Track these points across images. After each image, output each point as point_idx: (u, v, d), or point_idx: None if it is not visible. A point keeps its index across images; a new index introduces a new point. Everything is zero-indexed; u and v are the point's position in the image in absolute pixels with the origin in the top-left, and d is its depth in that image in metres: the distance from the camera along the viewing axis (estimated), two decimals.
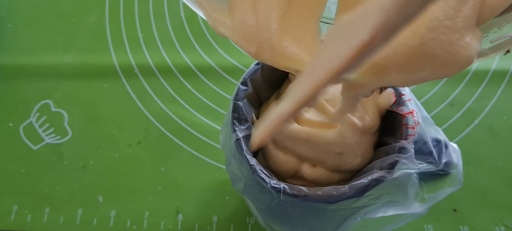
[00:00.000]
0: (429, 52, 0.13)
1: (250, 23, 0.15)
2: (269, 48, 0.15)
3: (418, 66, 0.13)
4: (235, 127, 0.23)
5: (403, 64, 0.13)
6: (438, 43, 0.13)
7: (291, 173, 0.24)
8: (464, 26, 0.13)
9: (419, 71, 0.13)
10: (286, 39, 0.15)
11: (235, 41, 0.15)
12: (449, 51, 0.13)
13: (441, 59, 0.13)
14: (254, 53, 0.15)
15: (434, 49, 0.13)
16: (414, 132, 0.22)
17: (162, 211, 0.35)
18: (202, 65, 0.41)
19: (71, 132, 0.38)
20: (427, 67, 0.13)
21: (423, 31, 0.13)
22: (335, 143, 0.22)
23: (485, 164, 0.36)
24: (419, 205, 0.23)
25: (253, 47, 0.15)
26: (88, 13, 0.45)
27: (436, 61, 0.13)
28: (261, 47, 0.15)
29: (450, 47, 0.13)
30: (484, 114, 0.38)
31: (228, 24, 0.15)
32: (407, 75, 0.14)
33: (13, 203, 0.35)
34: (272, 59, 0.15)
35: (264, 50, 0.15)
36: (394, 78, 0.14)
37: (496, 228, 0.33)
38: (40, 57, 0.42)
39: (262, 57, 0.15)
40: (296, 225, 0.24)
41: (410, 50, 0.13)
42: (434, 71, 0.13)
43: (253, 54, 0.15)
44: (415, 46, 0.13)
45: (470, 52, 0.13)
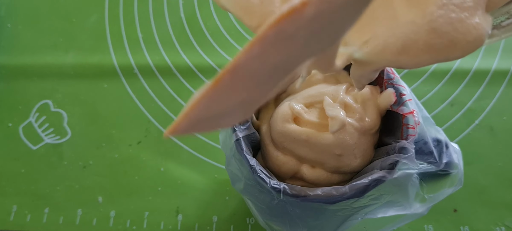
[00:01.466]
0: (439, 29, 0.13)
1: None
2: None
3: (428, 45, 0.13)
4: (235, 127, 0.23)
5: (412, 43, 0.13)
6: (448, 20, 0.13)
7: (290, 174, 0.24)
8: (474, 6, 0.13)
9: (429, 50, 0.13)
10: None
11: (236, 14, 0.15)
12: (458, 29, 0.13)
13: (451, 37, 0.13)
14: (255, 26, 0.14)
15: (443, 26, 0.13)
16: (414, 132, 0.22)
17: (162, 211, 0.35)
18: (202, 65, 0.41)
19: (71, 132, 0.38)
20: (436, 46, 0.13)
21: (432, 9, 0.13)
22: (335, 145, 0.22)
23: (486, 164, 0.36)
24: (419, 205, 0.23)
25: (254, 20, 0.14)
26: (88, 13, 0.45)
27: (446, 39, 0.13)
28: (263, 20, 0.14)
29: (460, 25, 0.13)
30: (485, 114, 0.38)
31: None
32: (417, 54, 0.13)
33: (12, 203, 0.35)
34: None
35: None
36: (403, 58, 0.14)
37: (497, 228, 0.33)
38: (40, 57, 0.42)
39: None
40: (296, 225, 0.24)
41: (419, 27, 0.13)
42: (443, 50, 0.13)
43: (254, 28, 0.14)
44: (424, 23, 0.13)
45: (480, 31, 0.13)
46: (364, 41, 0.14)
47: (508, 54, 0.41)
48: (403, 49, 0.13)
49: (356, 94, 0.23)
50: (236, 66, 0.09)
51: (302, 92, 0.24)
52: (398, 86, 0.23)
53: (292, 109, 0.23)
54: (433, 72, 0.40)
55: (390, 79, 0.23)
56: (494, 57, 0.41)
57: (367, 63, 0.15)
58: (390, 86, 0.23)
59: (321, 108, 0.23)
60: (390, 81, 0.23)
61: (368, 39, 0.14)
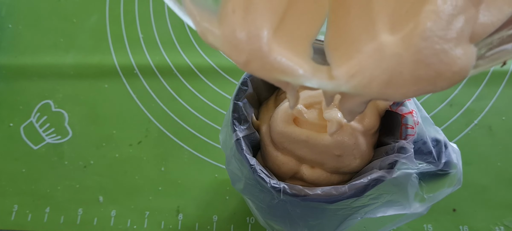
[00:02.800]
0: (424, 61, 0.13)
1: (240, 35, 0.14)
2: (259, 58, 0.14)
3: (414, 76, 0.13)
4: (235, 127, 0.23)
5: (398, 74, 0.14)
6: (432, 51, 0.13)
7: (290, 174, 0.24)
8: (457, 38, 0.13)
9: (415, 82, 0.14)
10: (277, 52, 0.15)
11: (224, 51, 0.15)
12: (443, 60, 0.13)
13: (436, 68, 0.13)
14: (244, 62, 0.15)
15: (428, 58, 0.13)
16: (413, 132, 0.22)
17: (163, 210, 0.35)
18: (202, 65, 0.41)
19: (72, 131, 0.38)
20: (422, 77, 0.13)
21: (416, 40, 0.13)
22: (334, 145, 0.22)
23: (485, 164, 0.36)
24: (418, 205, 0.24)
25: (242, 57, 0.15)
26: (89, 14, 0.45)
27: (431, 70, 0.13)
28: (251, 57, 0.14)
29: (445, 56, 0.13)
30: (484, 115, 0.38)
31: (217, 34, 0.15)
32: (403, 86, 0.14)
33: (13, 203, 0.35)
34: (261, 69, 0.15)
35: (254, 60, 0.14)
36: (390, 90, 0.14)
37: (496, 228, 0.34)
38: (40, 58, 0.42)
39: (251, 68, 0.15)
40: (296, 225, 0.24)
41: (404, 59, 0.13)
42: (429, 81, 0.13)
43: (242, 64, 0.15)
44: (409, 55, 0.13)
45: (465, 62, 0.13)
46: (351, 74, 0.14)
47: None
48: (389, 81, 0.14)
49: None
50: None
51: (302, 93, 0.24)
52: None
53: (292, 110, 0.23)
54: None
55: None
56: None
57: (355, 97, 0.15)
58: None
59: (320, 109, 0.23)
60: None
61: (354, 73, 0.14)
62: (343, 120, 0.22)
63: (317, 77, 0.15)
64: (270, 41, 0.14)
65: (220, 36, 0.15)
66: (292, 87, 0.15)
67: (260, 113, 0.26)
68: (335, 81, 0.14)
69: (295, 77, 0.15)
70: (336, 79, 0.14)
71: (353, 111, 0.16)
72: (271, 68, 0.14)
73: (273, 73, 0.15)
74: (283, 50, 0.15)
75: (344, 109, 0.16)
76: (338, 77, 0.15)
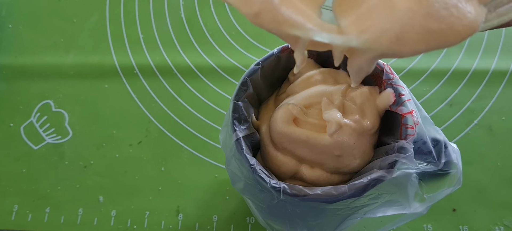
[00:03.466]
0: (435, 14, 0.14)
1: None
2: (270, 10, 0.15)
3: (424, 29, 0.14)
4: (235, 127, 0.23)
5: (409, 28, 0.14)
6: (443, 5, 0.14)
7: (290, 174, 0.24)
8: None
9: (425, 35, 0.14)
10: (287, 5, 0.15)
11: (234, 3, 0.15)
12: (454, 13, 0.14)
13: (447, 22, 0.14)
14: (254, 14, 0.15)
15: (440, 11, 0.14)
16: (413, 132, 0.22)
17: (163, 210, 0.35)
18: (202, 65, 0.42)
19: (72, 131, 0.38)
20: (432, 30, 0.14)
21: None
22: (334, 145, 0.22)
23: (484, 163, 0.36)
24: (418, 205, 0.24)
25: (254, 8, 0.15)
26: (89, 14, 0.45)
27: (442, 23, 0.14)
28: (262, 8, 0.15)
29: (456, 10, 0.14)
30: (484, 114, 0.38)
31: None
32: (414, 39, 0.14)
33: (13, 203, 0.35)
34: (272, 21, 0.15)
35: (265, 11, 0.15)
36: (400, 44, 0.14)
37: (495, 228, 0.34)
38: (41, 58, 0.42)
39: (261, 20, 0.15)
40: (296, 225, 0.24)
41: (415, 13, 0.14)
42: (439, 35, 0.14)
43: (252, 16, 0.15)
44: (420, 9, 0.14)
45: (475, 16, 0.14)
46: (361, 29, 0.15)
47: (507, 54, 0.41)
48: (400, 34, 0.14)
49: (355, 95, 0.23)
50: None
51: (301, 93, 0.24)
52: (397, 86, 0.23)
53: (292, 110, 0.23)
54: (432, 72, 0.40)
55: (389, 79, 0.24)
56: (493, 57, 0.41)
57: (364, 52, 0.15)
58: (389, 87, 0.23)
59: (320, 109, 0.23)
60: (389, 81, 0.24)
61: (365, 28, 0.15)
62: (342, 121, 0.22)
63: (328, 31, 0.15)
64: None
65: None
66: (302, 43, 0.15)
67: (260, 113, 0.26)
68: (345, 35, 0.15)
69: (306, 31, 0.15)
70: (347, 34, 0.15)
71: (362, 70, 0.16)
72: (282, 21, 0.15)
73: (284, 26, 0.15)
74: (294, 4, 0.15)
75: (352, 68, 0.16)
76: (348, 32, 0.15)
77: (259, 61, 0.25)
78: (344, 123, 0.22)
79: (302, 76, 0.25)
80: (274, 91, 0.27)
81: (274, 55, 0.25)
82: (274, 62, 0.25)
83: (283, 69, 0.26)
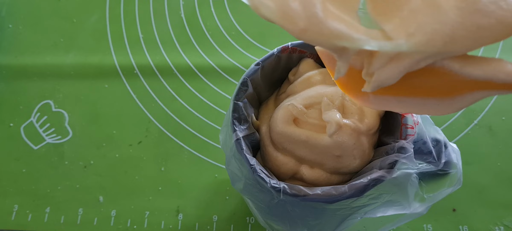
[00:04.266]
0: (483, 10, 0.14)
1: (293, 4, 0.15)
2: (316, 25, 0.14)
3: (475, 26, 0.14)
4: (235, 127, 0.23)
5: (459, 26, 0.14)
6: (491, 0, 0.14)
7: (290, 175, 0.24)
8: None
9: (476, 31, 0.14)
10: (332, 18, 0.15)
11: (279, 22, 0.15)
12: (503, 6, 0.14)
13: (496, 16, 0.14)
14: (300, 31, 0.15)
15: (487, 6, 0.14)
16: (413, 132, 0.22)
17: (163, 210, 0.35)
18: (202, 65, 0.42)
19: (72, 132, 0.38)
20: (483, 26, 0.14)
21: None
22: (334, 146, 0.22)
23: (485, 163, 0.36)
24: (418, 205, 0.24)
25: (299, 25, 0.15)
26: (89, 14, 0.45)
27: (492, 18, 0.14)
28: (308, 24, 0.15)
29: (504, 2, 0.14)
30: (484, 114, 0.38)
31: (271, 6, 0.15)
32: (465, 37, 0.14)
33: (14, 203, 0.35)
34: (319, 36, 0.15)
35: (311, 27, 0.15)
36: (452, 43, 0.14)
37: (495, 228, 0.34)
38: (41, 58, 0.42)
39: (308, 36, 0.15)
40: (295, 225, 0.24)
41: (463, 11, 0.14)
42: (490, 29, 0.14)
43: (298, 32, 0.15)
44: (467, 6, 0.14)
45: None
46: (409, 33, 0.14)
47: (507, 54, 0.41)
48: (452, 34, 0.14)
49: None
50: None
51: (301, 93, 0.24)
52: None
53: (292, 111, 0.23)
54: None
55: None
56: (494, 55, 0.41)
57: (408, 56, 0.15)
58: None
59: (320, 110, 0.23)
60: None
61: (413, 31, 0.14)
62: (342, 121, 0.22)
63: (375, 39, 0.15)
64: (324, 7, 0.15)
65: (274, 7, 0.15)
66: (349, 53, 0.15)
67: (260, 113, 0.26)
68: (394, 41, 0.15)
69: (354, 41, 0.15)
70: (395, 40, 0.15)
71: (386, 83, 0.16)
72: (329, 34, 0.15)
73: (331, 39, 0.15)
74: (336, 16, 0.15)
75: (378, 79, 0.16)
76: (396, 37, 0.15)
77: (259, 61, 0.25)
78: (344, 123, 0.22)
79: (302, 76, 0.25)
80: (274, 91, 0.27)
81: (274, 55, 0.25)
82: (274, 62, 0.25)
83: (283, 69, 0.26)
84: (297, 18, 0.15)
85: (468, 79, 0.16)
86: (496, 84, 0.15)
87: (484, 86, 0.16)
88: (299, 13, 0.15)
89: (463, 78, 0.16)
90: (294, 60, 0.26)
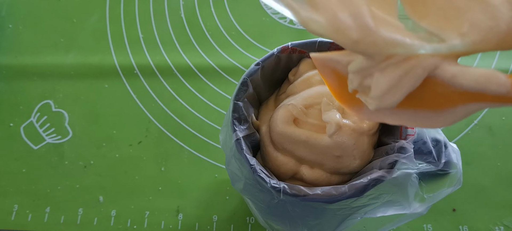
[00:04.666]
0: None
1: (343, 17, 0.14)
2: (369, 35, 0.14)
3: None
4: (235, 127, 0.23)
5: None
6: None
7: (290, 175, 0.24)
8: None
9: None
10: (382, 26, 0.15)
11: (330, 36, 0.15)
12: None
13: None
14: (353, 43, 0.15)
15: None
16: (413, 132, 0.22)
17: (163, 210, 0.35)
18: (202, 65, 0.42)
19: (72, 131, 0.38)
20: None
21: None
22: (334, 146, 0.22)
23: (485, 163, 0.36)
24: (418, 205, 0.24)
25: (352, 36, 0.14)
26: (89, 14, 0.45)
27: None
28: (362, 35, 0.14)
29: None
30: (484, 114, 0.38)
31: (321, 21, 0.15)
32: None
33: (13, 203, 0.35)
34: (373, 47, 0.14)
35: (363, 39, 0.14)
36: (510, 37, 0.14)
37: (495, 228, 0.34)
38: (41, 58, 0.42)
39: (361, 47, 0.14)
40: (296, 225, 0.24)
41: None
42: None
43: (352, 43, 0.15)
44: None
45: None
46: (462, 33, 0.14)
47: (507, 53, 0.41)
48: (507, 29, 0.14)
49: None
50: None
51: (301, 93, 0.24)
52: None
53: (292, 111, 0.23)
54: None
55: None
56: (493, 57, 0.41)
57: (469, 53, 0.15)
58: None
59: (320, 110, 0.23)
60: None
61: (466, 31, 0.14)
62: (341, 121, 0.22)
63: (429, 43, 0.15)
64: (373, 15, 0.14)
65: (324, 22, 0.15)
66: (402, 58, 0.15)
67: (260, 113, 0.26)
68: (448, 43, 0.14)
69: (407, 47, 0.14)
70: (449, 41, 0.14)
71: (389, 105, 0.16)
72: (383, 43, 0.14)
73: (386, 47, 0.15)
74: (386, 22, 0.15)
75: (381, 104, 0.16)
76: (448, 38, 0.14)
77: (259, 61, 0.25)
78: (344, 123, 0.22)
79: (302, 76, 0.25)
80: (274, 91, 0.27)
81: (274, 55, 0.25)
82: (274, 62, 0.25)
83: (283, 69, 0.26)
84: (349, 31, 0.14)
85: (460, 91, 0.15)
86: (488, 97, 0.15)
87: (476, 98, 0.15)
88: (350, 25, 0.14)
89: (455, 89, 0.15)
90: (294, 60, 0.26)
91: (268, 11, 0.45)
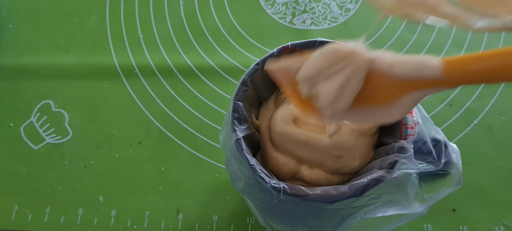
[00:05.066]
0: None
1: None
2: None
3: None
4: (235, 127, 0.23)
5: None
6: None
7: (290, 175, 0.24)
8: None
9: None
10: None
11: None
12: None
13: None
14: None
15: None
16: (413, 132, 0.22)
17: (163, 210, 0.35)
18: (202, 65, 0.42)
19: (72, 131, 0.38)
20: None
21: None
22: (334, 146, 0.22)
23: (484, 163, 0.36)
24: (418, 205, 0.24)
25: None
26: (89, 14, 0.45)
27: None
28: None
29: None
30: (483, 114, 0.38)
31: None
32: None
33: (13, 203, 0.35)
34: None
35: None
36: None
37: (495, 228, 0.34)
38: (41, 58, 0.42)
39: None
40: (296, 225, 0.24)
41: None
42: None
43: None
44: None
45: None
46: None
47: None
48: None
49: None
50: None
51: None
52: None
53: (292, 111, 0.23)
54: None
55: None
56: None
57: None
58: None
59: None
60: None
61: None
62: None
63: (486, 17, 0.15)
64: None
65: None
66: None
67: (260, 113, 0.26)
68: (502, 17, 0.15)
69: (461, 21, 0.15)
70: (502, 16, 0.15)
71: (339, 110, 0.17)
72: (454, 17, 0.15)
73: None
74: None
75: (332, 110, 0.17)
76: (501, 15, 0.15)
77: (259, 61, 0.25)
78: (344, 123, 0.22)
79: None
80: (274, 91, 0.27)
81: (274, 55, 0.25)
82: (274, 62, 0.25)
83: None
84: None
85: (399, 81, 0.16)
86: (426, 82, 0.15)
87: (416, 86, 0.16)
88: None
89: (394, 80, 0.16)
90: None
91: (268, 11, 0.45)
